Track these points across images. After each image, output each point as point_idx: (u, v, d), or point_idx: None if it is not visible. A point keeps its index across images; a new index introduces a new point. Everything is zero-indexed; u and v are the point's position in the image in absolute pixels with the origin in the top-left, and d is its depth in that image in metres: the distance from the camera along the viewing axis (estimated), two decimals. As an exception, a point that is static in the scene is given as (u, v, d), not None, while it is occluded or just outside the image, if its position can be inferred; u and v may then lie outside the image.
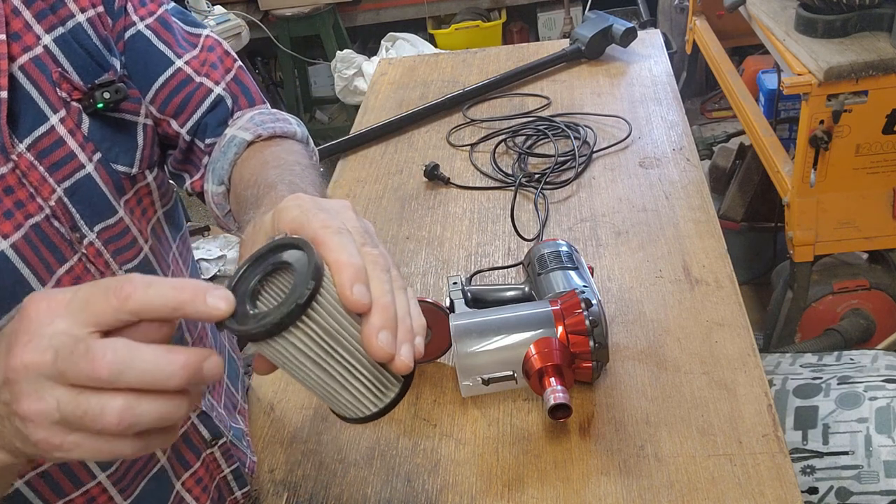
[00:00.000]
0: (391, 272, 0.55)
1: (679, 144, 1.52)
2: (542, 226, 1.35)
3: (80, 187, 0.72)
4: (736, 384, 1.01)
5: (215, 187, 0.83)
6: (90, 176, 0.73)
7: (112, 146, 0.76)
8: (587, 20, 1.88)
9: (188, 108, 0.84)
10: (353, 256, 0.52)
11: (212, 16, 3.33)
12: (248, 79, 0.89)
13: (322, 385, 0.53)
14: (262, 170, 0.76)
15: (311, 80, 3.99)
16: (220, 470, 0.92)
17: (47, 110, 0.70)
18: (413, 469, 0.98)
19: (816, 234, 1.77)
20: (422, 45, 3.48)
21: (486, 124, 1.69)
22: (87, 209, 0.73)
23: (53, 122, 0.70)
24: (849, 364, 1.56)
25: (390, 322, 0.52)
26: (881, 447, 1.37)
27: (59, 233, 0.70)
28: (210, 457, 0.90)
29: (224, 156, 0.82)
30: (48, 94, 0.70)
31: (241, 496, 0.96)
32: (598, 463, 0.94)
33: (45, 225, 0.69)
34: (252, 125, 0.84)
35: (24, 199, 0.67)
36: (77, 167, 0.72)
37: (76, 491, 0.74)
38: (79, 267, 0.72)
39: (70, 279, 0.70)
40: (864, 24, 1.63)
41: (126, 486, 0.78)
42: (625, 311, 1.15)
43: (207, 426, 0.88)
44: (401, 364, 0.53)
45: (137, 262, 0.78)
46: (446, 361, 1.12)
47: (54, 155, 0.70)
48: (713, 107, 3.48)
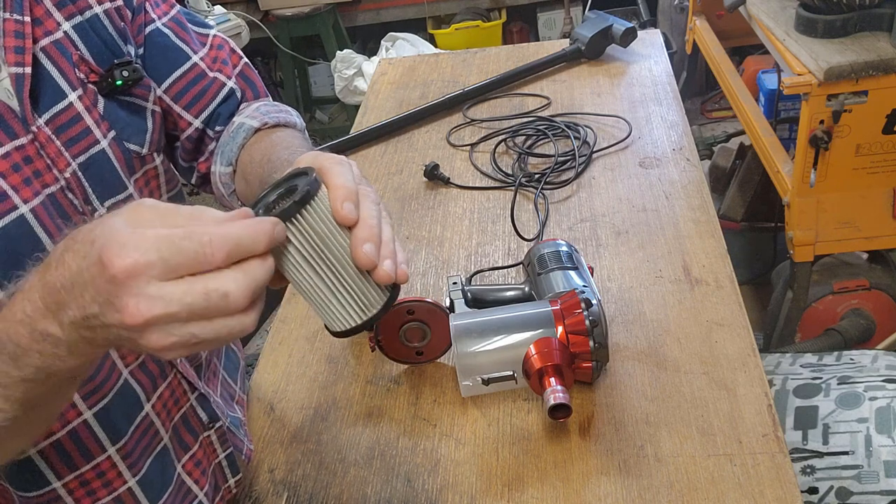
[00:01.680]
0: (381, 208, 0.63)
1: (679, 144, 1.52)
2: (542, 226, 1.35)
3: (94, 163, 0.77)
4: (736, 384, 1.01)
5: (223, 168, 0.91)
6: (104, 152, 0.78)
7: (125, 126, 0.81)
8: (587, 20, 1.88)
9: (203, 101, 0.91)
10: (348, 182, 0.61)
11: (212, 16, 3.34)
12: (253, 74, 0.98)
13: (315, 290, 0.60)
14: (272, 150, 0.84)
15: (311, 80, 3.99)
16: (215, 454, 0.94)
17: (66, 88, 0.75)
18: (413, 469, 0.98)
19: (816, 234, 1.77)
20: (422, 45, 3.48)
21: (486, 124, 1.69)
22: (99, 185, 0.77)
23: (72, 98, 0.75)
24: (849, 364, 1.56)
25: (375, 238, 0.59)
26: (881, 447, 1.37)
27: (72, 204, 0.74)
28: (207, 440, 0.92)
29: (233, 140, 0.90)
30: (68, 74, 0.75)
31: (234, 484, 0.97)
32: (598, 463, 0.94)
33: (60, 195, 0.73)
34: (259, 114, 0.92)
35: (41, 170, 0.71)
36: (92, 143, 0.77)
37: (87, 464, 0.77)
38: None
39: None
40: (864, 24, 1.63)
41: (134, 463, 0.81)
42: (625, 311, 1.15)
43: (205, 409, 0.91)
44: (383, 273, 0.59)
45: None
46: (446, 361, 1.12)
47: (71, 130, 0.75)
48: (713, 107, 3.48)
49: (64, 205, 0.73)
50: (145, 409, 0.82)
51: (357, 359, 1.16)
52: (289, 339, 1.22)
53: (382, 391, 1.10)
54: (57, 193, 0.73)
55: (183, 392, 0.88)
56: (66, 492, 0.78)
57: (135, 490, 0.82)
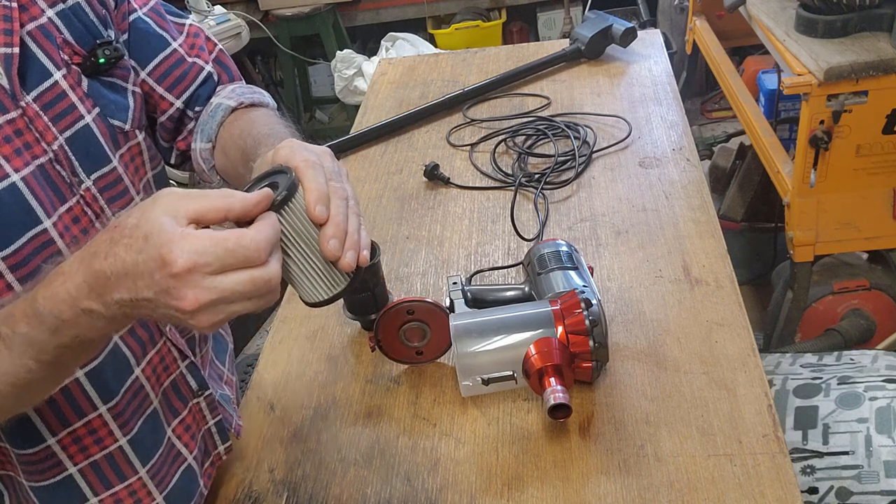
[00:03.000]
0: (349, 202, 0.73)
1: (679, 144, 1.52)
2: (542, 226, 1.35)
3: (80, 137, 0.82)
4: (736, 384, 1.01)
5: (203, 144, 0.99)
6: (89, 127, 0.83)
7: (108, 103, 0.87)
8: (587, 20, 1.88)
9: (184, 83, 0.99)
10: (320, 185, 0.70)
11: (212, 16, 3.33)
12: (227, 59, 1.07)
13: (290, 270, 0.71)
14: (251, 126, 0.93)
15: (311, 80, 3.99)
16: (205, 421, 0.98)
17: (52, 68, 0.80)
18: (413, 468, 0.98)
19: (816, 235, 1.77)
20: (422, 45, 3.48)
21: (486, 124, 1.69)
22: (86, 158, 0.82)
23: (57, 77, 0.81)
24: (849, 364, 1.56)
25: (340, 234, 0.70)
26: (881, 447, 1.37)
27: (60, 175, 0.79)
28: (196, 406, 0.97)
29: (212, 118, 0.98)
30: (52, 55, 0.81)
31: (223, 451, 1.01)
32: (598, 462, 0.94)
33: (48, 167, 0.78)
34: (234, 95, 1.00)
35: (31, 142, 0.77)
36: (77, 118, 0.82)
37: (78, 421, 0.82)
38: (77, 208, 0.81)
39: (69, 217, 0.80)
40: (864, 24, 1.63)
41: (125, 423, 0.86)
42: (625, 311, 1.15)
43: (195, 376, 0.96)
44: (345, 264, 0.71)
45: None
46: (446, 361, 1.12)
47: (57, 107, 0.80)
48: (713, 107, 3.48)
49: (53, 175, 0.79)
50: (135, 373, 0.87)
51: (357, 358, 1.16)
52: (289, 338, 1.22)
53: (382, 391, 1.10)
54: (46, 165, 0.78)
55: (173, 359, 0.93)
56: (59, 448, 0.82)
57: (126, 449, 0.86)
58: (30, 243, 0.75)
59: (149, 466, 0.89)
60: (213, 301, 0.61)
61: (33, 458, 0.82)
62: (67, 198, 0.80)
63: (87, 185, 0.82)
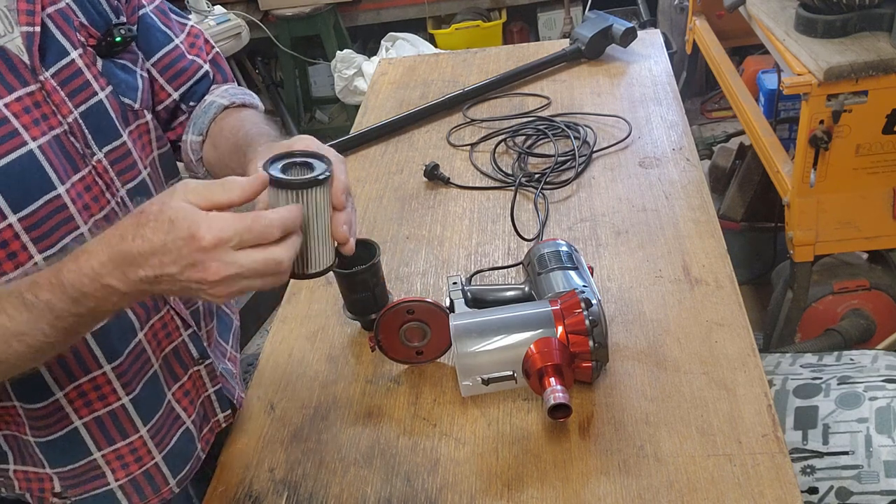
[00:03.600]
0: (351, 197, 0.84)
1: (679, 144, 1.52)
2: (542, 226, 1.35)
3: (93, 112, 0.88)
4: (736, 384, 1.01)
5: (195, 137, 1.05)
6: (102, 103, 0.90)
7: (120, 82, 0.93)
8: (587, 20, 1.88)
9: (183, 77, 1.05)
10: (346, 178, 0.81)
11: (212, 16, 3.33)
12: (223, 61, 1.13)
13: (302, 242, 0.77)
14: (242, 125, 1.00)
15: (311, 80, 3.98)
16: (205, 388, 1.04)
17: (69, 48, 0.87)
18: (413, 468, 0.98)
19: (816, 234, 1.77)
20: (422, 45, 3.48)
21: (486, 124, 1.70)
22: (98, 132, 0.89)
23: (74, 56, 0.87)
24: (849, 364, 1.56)
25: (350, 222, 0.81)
26: (881, 447, 1.37)
27: (74, 147, 0.86)
28: (196, 374, 1.03)
29: (205, 114, 1.05)
30: (70, 36, 0.87)
31: (223, 419, 1.07)
32: (598, 463, 0.94)
33: (63, 138, 0.85)
34: (228, 95, 1.07)
35: (48, 114, 0.83)
36: (91, 94, 0.89)
37: (84, 376, 0.89)
38: (89, 178, 0.87)
39: (82, 185, 0.86)
40: (864, 24, 1.63)
41: (128, 382, 0.92)
42: (625, 311, 1.15)
43: (196, 345, 1.02)
44: (348, 247, 0.81)
45: (137, 183, 0.94)
46: (446, 361, 1.12)
47: (73, 83, 0.87)
48: (713, 107, 3.48)
49: (67, 146, 0.85)
50: (139, 336, 0.93)
51: (357, 358, 1.16)
52: (289, 338, 1.22)
53: (382, 391, 1.10)
54: (61, 136, 0.84)
55: (175, 327, 0.99)
56: (66, 401, 0.89)
57: (128, 407, 0.93)
58: (44, 207, 0.82)
59: (149, 426, 0.95)
60: (232, 275, 0.69)
61: (41, 413, 0.89)
62: (80, 167, 0.86)
63: (99, 157, 0.89)
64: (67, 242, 0.84)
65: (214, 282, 0.69)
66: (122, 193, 0.91)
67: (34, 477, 0.94)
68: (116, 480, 0.95)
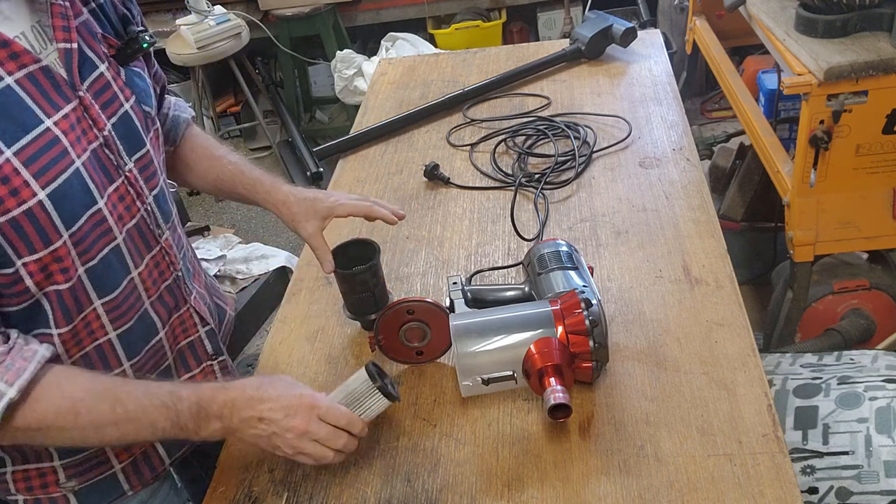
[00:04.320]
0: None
1: (679, 144, 1.52)
2: (542, 226, 1.35)
3: (122, 123, 0.91)
4: (736, 384, 1.01)
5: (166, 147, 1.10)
6: (128, 113, 0.92)
7: (140, 91, 0.96)
8: (587, 20, 1.88)
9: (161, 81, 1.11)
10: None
11: (212, 16, 3.33)
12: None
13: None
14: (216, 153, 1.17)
15: (311, 80, 3.98)
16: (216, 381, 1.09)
17: (97, 61, 0.89)
18: (413, 469, 0.98)
19: (816, 234, 1.77)
20: (422, 45, 3.48)
21: (486, 124, 1.69)
22: (127, 142, 0.92)
23: (102, 69, 0.89)
24: (849, 364, 1.56)
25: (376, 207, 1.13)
26: (881, 447, 1.37)
27: (109, 159, 0.89)
28: (209, 368, 1.09)
29: (176, 127, 1.15)
30: (96, 49, 0.89)
31: None
32: (598, 463, 0.94)
33: (100, 151, 0.87)
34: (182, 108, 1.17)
35: (86, 129, 0.86)
36: (119, 106, 0.91)
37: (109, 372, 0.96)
38: (122, 188, 0.90)
39: (116, 196, 0.89)
40: (864, 24, 1.62)
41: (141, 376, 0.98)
42: (625, 311, 1.15)
43: (212, 342, 1.08)
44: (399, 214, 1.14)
45: (159, 189, 0.98)
46: (446, 361, 1.12)
47: (104, 96, 0.89)
48: (713, 107, 3.48)
49: (103, 159, 0.88)
50: (160, 334, 0.99)
51: (357, 359, 1.16)
52: (289, 339, 1.22)
53: (382, 391, 1.10)
54: (98, 149, 0.87)
55: (193, 324, 1.05)
56: None
57: None
58: (87, 221, 0.85)
59: None
60: (311, 432, 0.89)
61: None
62: (115, 178, 0.89)
63: (130, 166, 0.92)
64: (106, 254, 0.88)
65: (301, 433, 0.88)
66: (150, 200, 0.95)
67: (35, 474, 0.95)
68: (120, 463, 1.00)
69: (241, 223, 3.40)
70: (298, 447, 0.89)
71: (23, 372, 0.79)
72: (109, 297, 0.90)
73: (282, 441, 0.88)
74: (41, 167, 0.79)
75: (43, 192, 0.79)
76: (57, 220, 0.81)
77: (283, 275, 2.57)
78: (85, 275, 0.86)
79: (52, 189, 0.80)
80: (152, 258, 0.96)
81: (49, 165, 0.80)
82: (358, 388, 0.95)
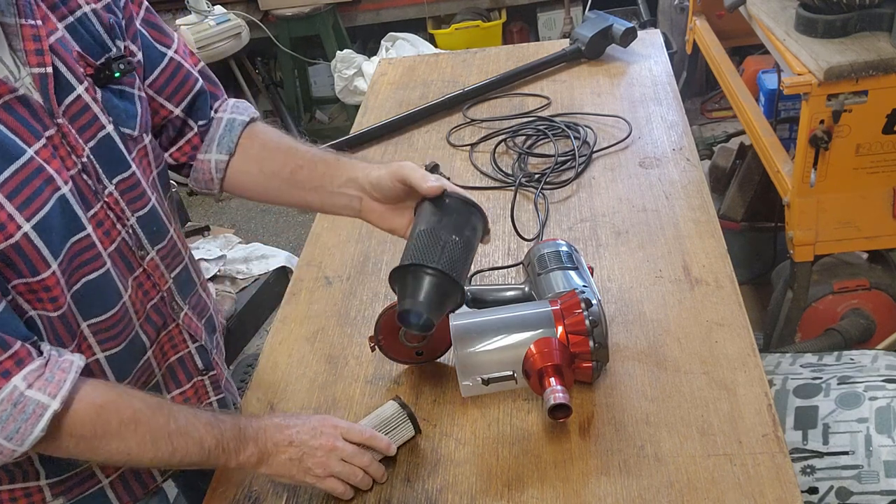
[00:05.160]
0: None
1: (679, 144, 1.52)
2: (542, 226, 1.35)
3: (102, 146, 0.87)
4: (736, 384, 1.01)
5: (220, 156, 1.04)
6: (110, 136, 0.88)
7: (119, 113, 0.90)
8: (587, 20, 1.88)
9: (183, 90, 1.02)
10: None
11: (212, 16, 3.33)
12: (210, 72, 1.09)
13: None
14: (291, 145, 1.06)
15: (311, 80, 3.98)
16: (207, 396, 1.08)
17: (74, 82, 0.84)
18: (413, 469, 0.98)
19: (816, 234, 1.77)
20: (422, 45, 3.48)
21: (486, 124, 1.69)
22: (108, 164, 0.88)
23: (80, 91, 0.85)
24: (849, 364, 1.56)
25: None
26: (881, 447, 1.37)
27: (87, 184, 0.85)
28: (200, 383, 1.06)
29: (230, 133, 1.05)
30: (73, 69, 0.84)
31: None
32: (598, 463, 0.94)
33: (78, 178, 0.84)
34: (241, 110, 1.07)
35: (64, 156, 0.83)
36: (99, 128, 0.87)
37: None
38: (101, 213, 0.87)
39: (94, 222, 0.86)
40: (864, 24, 1.62)
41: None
42: (625, 311, 1.15)
43: (202, 358, 1.05)
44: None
45: (147, 210, 0.94)
46: (446, 361, 1.12)
47: (82, 119, 0.85)
48: (713, 107, 3.48)
49: (81, 185, 0.84)
50: (147, 354, 0.97)
51: (357, 359, 1.16)
52: (289, 339, 1.22)
53: (382, 391, 1.10)
54: (76, 176, 0.84)
55: (182, 340, 1.02)
56: None
57: None
58: (73, 247, 0.83)
59: None
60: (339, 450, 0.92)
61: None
62: (93, 204, 0.86)
63: (110, 189, 0.88)
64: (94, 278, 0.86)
65: (329, 449, 0.92)
66: (133, 222, 0.92)
67: (21, 494, 0.93)
68: (107, 477, 0.98)
69: (241, 223, 3.41)
70: (328, 465, 0.91)
71: (63, 383, 0.79)
72: (97, 319, 0.88)
73: (312, 461, 0.91)
74: (25, 199, 0.77)
75: (28, 224, 0.77)
76: (44, 251, 0.79)
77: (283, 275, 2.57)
78: (72, 300, 0.85)
79: (37, 220, 0.78)
80: (135, 279, 0.93)
81: (33, 196, 0.78)
82: (388, 413, 0.98)
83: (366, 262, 1.34)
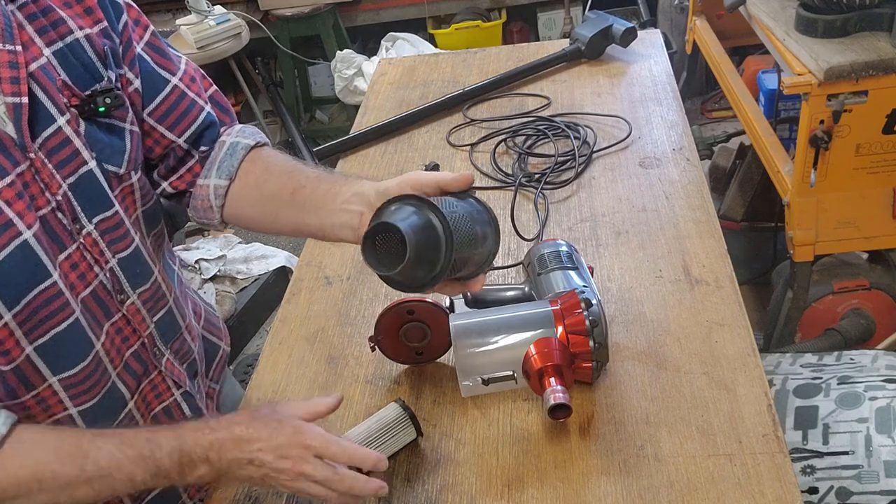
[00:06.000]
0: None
1: (679, 144, 1.52)
2: (542, 226, 1.35)
3: (82, 182, 0.81)
4: (736, 384, 1.01)
5: (220, 181, 0.97)
6: (92, 172, 0.82)
7: (104, 148, 0.84)
8: (587, 20, 1.88)
9: (187, 120, 0.95)
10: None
11: (212, 16, 3.33)
12: (222, 97, 1.03)
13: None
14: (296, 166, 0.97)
15: (311, 80, 3.98)
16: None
17: (55, 113, 0.79)
18: (413, 469, 0.98)
19: (816, 234, 1.77)
20: (422, 45, 3.48)
21: (486, 124, 1.69)
22: (88, 202, 0.82)
23: (60, 123, 0.79)
24: (849, 364, 1.56)
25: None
26: (881, 447, 1.37)
27: (61, 224, 0.79)
28: None
29: (231, 157, 0.97)
30: (56, 99, 0.79)
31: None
32: (598, 463, 0.94)
33: (50, 216, 0.78)
34: (247, 134, 1.00)
35: (35, 194, 0.77)
36: (81, 164, 0.81)
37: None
38: (76, 254, 0.81)
39: (68, 264, 0.80)
40: (864, 23, 1.63)
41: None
42: (625, 311, 1.15)
43: (189, 405, 1.00)
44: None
45: (130, 252, 0.88)
46: (446, 361, 1.12)
47: (61, 153, 0.79)
48: (713, 107, 3.48)
49: (53, 225, 0.79)
50: (129, 406, 0.91)
51: (357, 359, 1.16)
52: (289, 339, 1.22)
53: (382, 391, 1.10)
54: (48, 215, 0.78)
55: (167, 388, 0.96)
56: None
57: None
58: (37, 298, 0.77)
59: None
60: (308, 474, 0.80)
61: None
62: (67, 245, 0.80)
63: (89, 229, 0.83)
64: (61, 330, 0.79)
65: (295, 475, 0.80)
66: (113, 264, 0.86)
67: None
68: None
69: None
70: (297, 489, 0.81)
71: None
72: (68, 373, 0.82)
73: (276, 483, 0.81)
74: None
75: None
76: None
77: (282, 275, 2.57)
78: (35, 353, 0.78)
79: None
80: (112, 325, 0.87)
81: None
82: (389, 415, 0.96)
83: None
